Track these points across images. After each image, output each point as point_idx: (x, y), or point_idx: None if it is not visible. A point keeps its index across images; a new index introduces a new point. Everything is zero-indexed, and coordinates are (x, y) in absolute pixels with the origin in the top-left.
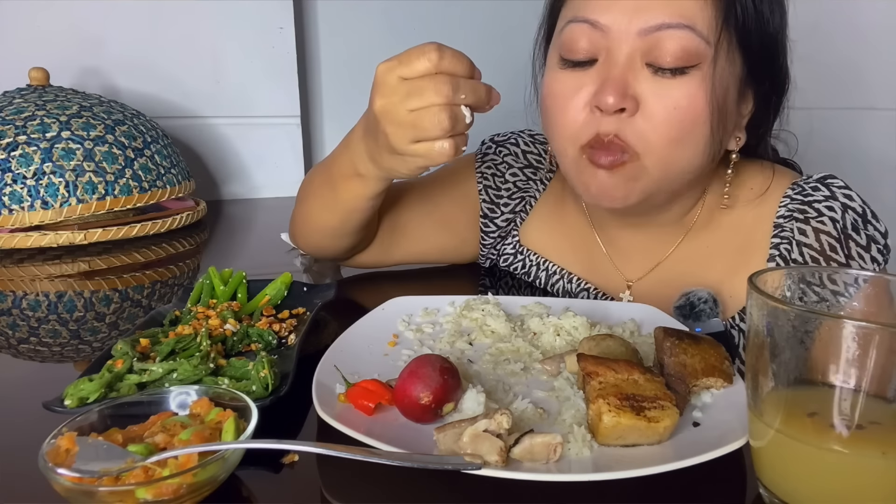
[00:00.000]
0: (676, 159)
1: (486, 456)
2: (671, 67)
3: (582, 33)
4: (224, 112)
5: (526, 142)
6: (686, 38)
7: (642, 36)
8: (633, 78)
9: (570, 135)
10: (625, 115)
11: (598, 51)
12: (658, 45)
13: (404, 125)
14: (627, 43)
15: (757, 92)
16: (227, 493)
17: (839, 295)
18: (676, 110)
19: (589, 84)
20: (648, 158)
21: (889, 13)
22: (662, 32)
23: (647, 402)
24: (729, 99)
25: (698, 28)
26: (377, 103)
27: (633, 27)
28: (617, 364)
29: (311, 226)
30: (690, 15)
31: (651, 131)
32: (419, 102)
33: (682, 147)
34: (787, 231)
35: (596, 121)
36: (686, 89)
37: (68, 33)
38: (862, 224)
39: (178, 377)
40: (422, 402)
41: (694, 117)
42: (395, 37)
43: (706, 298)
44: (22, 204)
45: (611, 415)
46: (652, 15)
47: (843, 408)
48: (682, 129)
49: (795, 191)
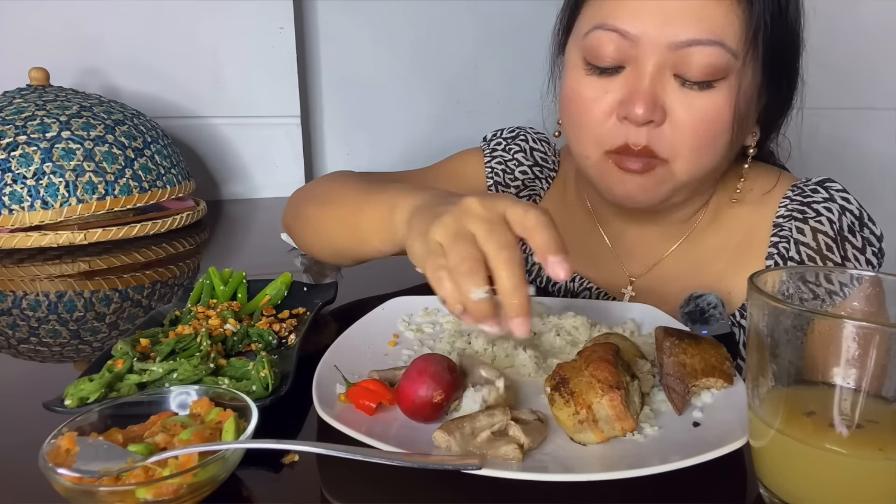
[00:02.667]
0: (701, 164)
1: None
2: (699, 81)
3: (610, 41)
4: (224, 112)
5: (533, 139)
6: (715, 55)
7: (672, 49)
8: (661, 89)
9: (595, 139)
10: (653, 125)
11: (626, 59)
12: (687, 60)
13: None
14: (657, 54)
15: (772, 91)
16: (227, 493)
17: (834, 294)
18: (703, 122)
19: (615, 91)
20: (676, 164)
21: (890, 13)
22: (693, 48)
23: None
24: (750, 105)
25: (728, 44)
26: (447, 219)
27: (664, 39)
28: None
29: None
30: (720, 30)
31: (678, 140)
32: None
33: (707, 153)
34: (786, 230)
35: (624, 129)
36: (713, 101)
37: (68, 33)
38: (858, 227)
39: (178, 377)
40: (434, 400)
41: (719, 127)
42: (395, 37)
43: (715, 303)
44: (22, 204)
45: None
46: (683, 29)
47: (843, 407)
48: (707, 138)
49: (795, 192)
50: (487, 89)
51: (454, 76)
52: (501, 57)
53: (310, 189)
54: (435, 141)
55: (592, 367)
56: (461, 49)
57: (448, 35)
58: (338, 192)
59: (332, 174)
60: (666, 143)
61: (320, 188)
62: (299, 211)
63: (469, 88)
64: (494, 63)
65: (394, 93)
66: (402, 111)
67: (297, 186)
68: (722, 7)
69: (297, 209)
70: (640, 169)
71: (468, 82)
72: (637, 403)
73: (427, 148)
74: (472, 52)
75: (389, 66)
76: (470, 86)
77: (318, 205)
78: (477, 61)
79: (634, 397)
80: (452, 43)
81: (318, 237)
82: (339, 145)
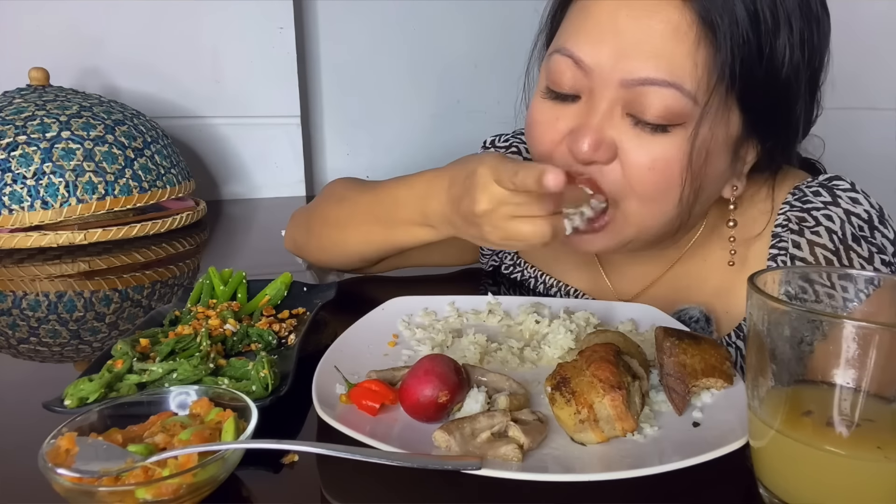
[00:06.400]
0: (653, 213)
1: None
2: (652, 123)
3: (567, 67)
4: (224, 112)
5: (526, 148)
6: (670, 98)
7: (625, 87)
8: (612, 126)
9: (546, 163)
10: (598, 164)
11: (580, 89)
12: (640, 99)
13: (504, 230)
14: (609, 90)
15: (762, 139)
16: (227, 493)
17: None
18: (651, 171)
19: (568, 119)
20: (627, 205)
21: (889, 13)
22: (647, 87)
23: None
24: (713, 160)
25: (686, 87)
26: (481, 206)
27: (616, 75)
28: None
29: (341, 252)
30: (679, 71)
31: (625, 182)
32: (524, 211)
33: (657, 204)
34: (784, 242)
35: (571, 161)
36: (664, 148)
37: (68, 33)
38: (868, 231)
39: (178, 377)
40: (439, 400)
41: (667, 179)
42: (395, 37)
43: (697, 317)
44: (22, 204)
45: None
46: (637, 65)
47: (843, 407)
48: (654, 187)
49: (796, 196)
50: (487, 89)
51: (454, 76)
52: (501, 57)
53: (317, 209)
54: (435, 141)
55: (594, 367)
56: (461, 49)
57: (448, 35)
58: (353, 211)
59: (331, 189)
60: (611, 182)
61: (330, 209)
62: (314, 235)
63: (469, 88)
64: (494, 63)
65: (394, 93)
66: (402, 111)
67: (297, 186)
68: (683, 47)
69: (311, 232)
70: (594, 230)
71: (468, 82)
72: (638, 404)
73: (427, 148)
74: (472, 52)
75: (389, 66)
76: (470, 86)
77: (336, 228)
78: (477, 61)
79: (635, 397)
80: (452, 43)
81: (345, 254)
82: (339, 145)
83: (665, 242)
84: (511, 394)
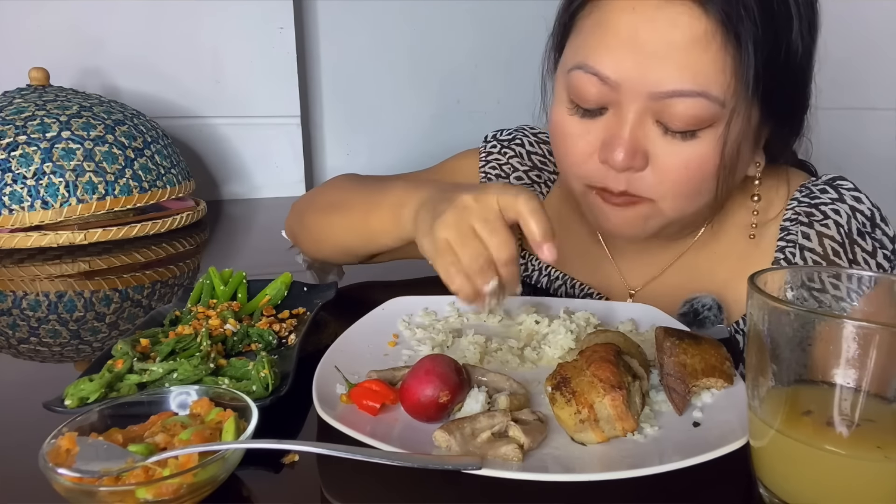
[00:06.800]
0: (688, 206)
1: (504, 456)
2: (682, 131)
3: (591, 84)
4: (224, 112)
5: (531, 142)
6: (699, 106)
7: (654, 99)
8: (643, 135)
9: (577, 174)
10: (633, 171)
11: (608, 102)
12: (669, 110)
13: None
14: (637, 102)
15: (777, 122)
16: (227, 493)
17: (842, 300)
18: (686, 170)
19: (598, 132)
20: (662, 203)
21: (889, 13)
22: (675, 99)
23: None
24: (742, 150)
25: (713, 94)
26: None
27: (644, 89)
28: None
29: (327, 242)
30: (705, 80)
31: (661, 185)
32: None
33: (692, 198)
34: (793, 234)
35: (605, 171)
36: (696, 151)
37: (68, 33)
38: (870, 228)
39: (178, 377)
40: (440, 400)
41: (704, 175)
42: (395, 37)
43: (710, 305)
44: (22, 204)
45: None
46: (664, 78)
47: (843, 407)
48: (690, 185)
49: (803, 193)
50: (487, 89)
51: (454, 76)
52: (501, 57)
53: (313, 197)
54: (435, 141)
55: (594, 366)
56: (461, 49)
57: (448, 35)
58: (343, 198)
59: (331, 181)
60: (647, 187)
61: (324, 196)
62: (305, 220)
63: (469, 88)
64: (494, 63)
65: (394, 93)
66: (402, 111)
67: (297, 186)
68: (708, 55)
69: (303, 218)
70: (623, 203)
71: (468, 82)
72: (638, 404)
73: (427, 148)
74: (472, 52)
75: (389, 66)
76: (470, 86)
77: (324, 213)
78: (477, 61)
79: (635, 397)
80: (452, 43)
81: (327, 243)
82: (339, 145)
83: (683, 232)
84: (511, 394)
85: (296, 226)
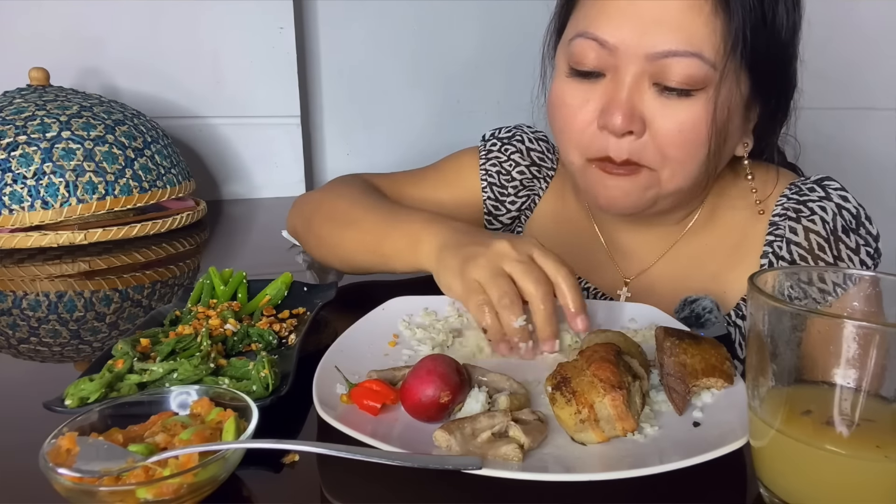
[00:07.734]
0: (685, 174)
1: (504, 456)
2: (677, 89)
3: (590, 48)
4: (224, 112)
5: (530, 139)
6: (693, 66)
7: (650, 60)
8: (639, 98)
9: (577, 145)
10: (633, 137)
11: (605, 67)
12: (664, 70)
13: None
14: (635, 64)
15: (764, 100)
16: (228, 493)
17: (827, 294)
18: (681, 133)
19: (596, 99)
20: (663, 173)
21: (889, 13)
22: (670, 59)
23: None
24: (733, 117)
25: (706, 55)
26: (498, 244)
27: (641, 50)
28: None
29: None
30: (698, 42)
31: (661, 149)
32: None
33: (689, 164)
34: (781, 229)
35: (605, 139)
36: (690, 110)
37: (68, 33)
38: (855, 225)
39: (178, 377)
40: (441, 400)
41: (696, 139)
42: (396, 37)
43: (711, 308)
44: (22, 204)
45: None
46: (660, 40)
47: (843, 407)
48: (684, 149)
49: (792, 191)
50: (487, 89)
51: (454, 76)
52: (501, 57)
53: (321, 203)
54: (435, 141)
55: (594, 366)
56: (461, 49)
57: (448, 35)
58: (357, 215)
59: (338, 185)
60: (649, 153)
61: (334, 205)
62: (314, 226)
63: (469, 88)
64: (494, 63)
65: (394, 93)
66: (403, 111)
67: (297, 186)
68: (701, 18)
69: (311, 223)
70: (626, 172)
71: (468, 82)
72: (638, 404)
73: (427, 148)
74: (472, 52)
75: (389, 66)
76: (470, 86)
77: (336, 226)
78: (477, 61)
79: (636, 397)
80: (452, 43)
81: (335, 255)
82: (339, 145)
83: (675, 213)
84: (511, 394)
85: (301, 228)
